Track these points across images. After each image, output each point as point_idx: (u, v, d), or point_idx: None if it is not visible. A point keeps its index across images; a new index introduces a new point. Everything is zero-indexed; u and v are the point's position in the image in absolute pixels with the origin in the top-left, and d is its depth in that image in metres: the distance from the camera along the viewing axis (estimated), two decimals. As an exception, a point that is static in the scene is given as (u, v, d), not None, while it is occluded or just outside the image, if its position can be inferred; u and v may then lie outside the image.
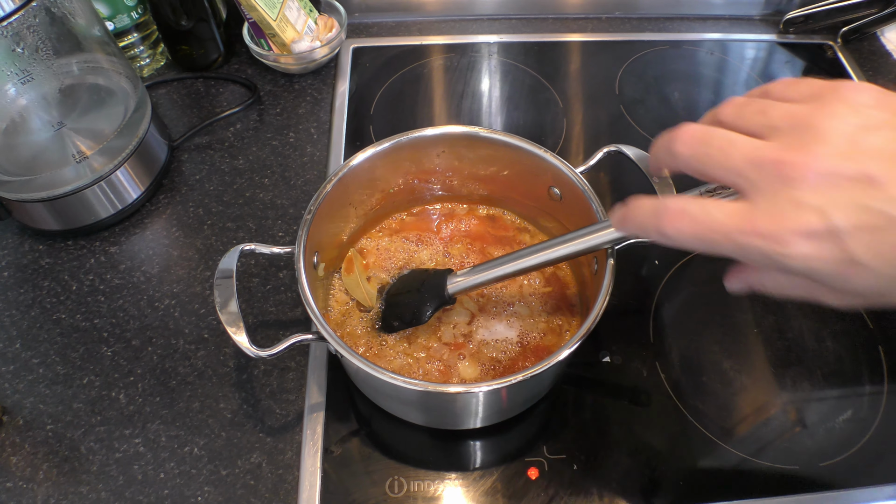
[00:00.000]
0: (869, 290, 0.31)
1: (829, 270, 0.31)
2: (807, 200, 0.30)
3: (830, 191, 0.30)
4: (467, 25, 0.91)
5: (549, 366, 0.44)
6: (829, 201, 0.30)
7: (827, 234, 0.30)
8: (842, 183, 0.30)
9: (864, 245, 0.30)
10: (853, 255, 0.30)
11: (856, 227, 0.30)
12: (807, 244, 0.30)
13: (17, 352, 0.60)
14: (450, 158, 0.60)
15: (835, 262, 0.30)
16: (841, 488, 0.52)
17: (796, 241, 0.30)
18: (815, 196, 0.30)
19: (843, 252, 0.30)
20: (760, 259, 0.32)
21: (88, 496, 0.52)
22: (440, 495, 0.52)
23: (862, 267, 0.30)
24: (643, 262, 0.66)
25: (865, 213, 0.29)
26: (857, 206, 0.30)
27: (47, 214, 0.64)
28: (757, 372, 0.59)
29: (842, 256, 0.30)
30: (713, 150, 0.33)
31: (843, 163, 0.30)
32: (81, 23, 0.62)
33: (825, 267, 0.31)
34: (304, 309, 0.48)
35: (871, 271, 0.30)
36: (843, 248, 0.30)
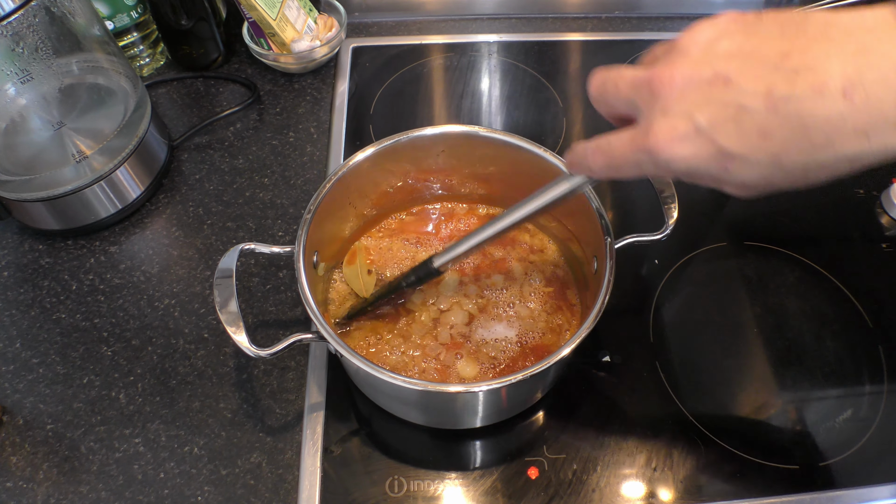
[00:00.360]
0: (753, 179, 0.34)
1: (709, 167, 0.34)
2: (673, 108, 0.33)
3: (692, 95, 0.33)
4: (467, 25, 0.91)
5: (550, 365, 0.44)
6: (691, 105, 0.33)
7: (696, 134, 0.33)
8: (701, 87, 0.32)
9: (731, 137, 0.32)
10: (724, 147, 0.32)
11: (719, 122, 0.32)
12: (681, 147, 0.33)
13: (17, 351, 0.60)
14: (449, 158, 0.60)
15: (711, 158, 0.33)
16: (841, 488, 0.52)
17: (672, 147, 0.33)
18: (679, 103, 0.33)
19: (715, 147, 0.33)
20: (653, 170, 0.36)
21: (88, 496, 0.52)
22: (440, 495, 0.52)
23: (737, 158, 0.33)
24: (643, 261, 0.66)
25: (724, 108, 0.32)
26: (717, 104, 0.32)
27: (47, 214, 0.64)
28: (757, 372, 0.59)
29: (715, 151, 0.33)
30: (609, 85, 0.37)
31: (700, 68, 0.33)
32: (81, 22, 0.62)
33: (705, 164, 0.34)
34: (304, 308, 0.48)
35: (746, 161, 0.33)
36: (714, 143, 0.33)
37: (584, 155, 0.39)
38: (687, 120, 0.33)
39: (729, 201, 0.72)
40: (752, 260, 0.66)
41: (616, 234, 0.51)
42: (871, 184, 0.72)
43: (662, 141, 0.34)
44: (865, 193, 0.72)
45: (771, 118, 0.31)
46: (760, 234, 0.68)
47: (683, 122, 0.33)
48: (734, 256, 0.67)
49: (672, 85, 0.33)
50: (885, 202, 0.70)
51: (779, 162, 0.32)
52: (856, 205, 0.71)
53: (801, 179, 0.33)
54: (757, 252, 0.67)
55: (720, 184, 0.35)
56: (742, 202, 0.71)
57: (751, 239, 0.68)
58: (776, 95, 0.31)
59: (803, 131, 0.31)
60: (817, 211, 0.71)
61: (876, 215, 0.70)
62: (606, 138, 0.38)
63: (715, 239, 0.68)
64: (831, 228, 0.69)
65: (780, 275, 0.65)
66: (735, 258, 0.66)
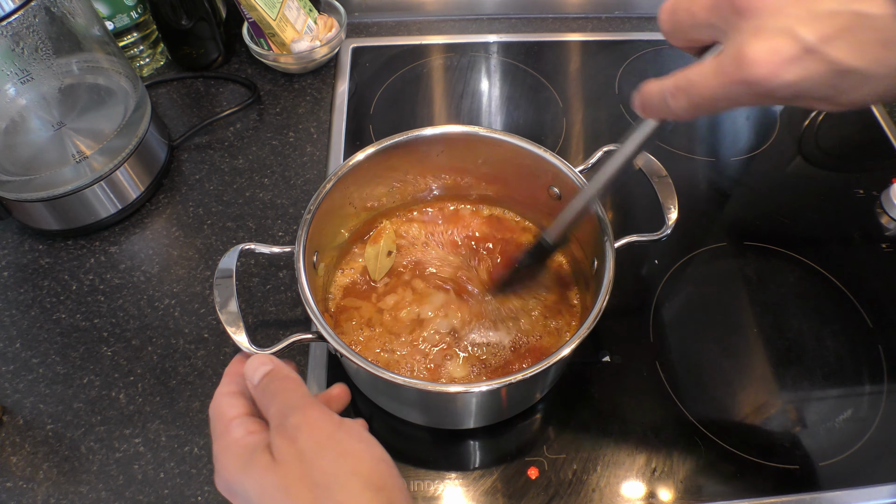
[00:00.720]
0: (870, 96, 0.30)
1: (822, 88, 0.30)
2: (769, 25, 0.29)
3: (790, 7, 0.29)
4: (467, 25, 0.91)
5: (549, 365, 0.44)
6: (792, 19, 0.28)
7: (803, 52, 0.28)
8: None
9: (848, 51, 0.28)
10: (840, 63, 0.28)
11: (831, 36, 0.28)
12: (787, 70, 0.29)
13: (17, 352, 0.60)
14: (450, 158, 0.60)
15: (823, 78, 0.29)
16: (841, 488, 0.52)
17: (776, 72, 0.29)
18: (776, 18, 0.29)
19: (828, 65, 0.29)
20: (752, 101, 0.32)
21: (88, 496, 0.52)
22: (440, 495, 0.52)
23: (854, 73, 0.29)
24: (643, 261, 0.66)
25: (835, 17, 0.28)
26: (825, 14, 0.28)
27: (47, 214, 0.64)
28: (757, 372, 0.59)
29: (828, 70, 0.29)
30: (681, 13, 0.34)
31: None
32: (81, 22, 0.62)
33: (817, 86, 0.30)
34: (304, 309, 0.48)
35: (863, 75, 0.29)
36: (827, 61, 0.29)
37: (661, 96, 0.35)
38: (789, 37, 0.28)
39: (729, 201, 0.72)
40: (752, 260, 0.66)
41: (616, 235, 0.51)
42: (871, 184, 0.72)
43: (763, 67, 0.29)
44: (865, 193, 0.72)
45: (891, 24, 0.27)
46: (760, 234, 0.68)
47: (785, 40, 0.28)
48: (734, 256, 0.67)
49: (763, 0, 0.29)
50: (885, 202, 0.70)
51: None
52: (856, 205, 0.71)
53: None
54: (757, 252, 0.67)
55: (828, 104, 0.31)
56: (742, 202, 0.71)
57: (751, 239, 0.68)
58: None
59: None
60: (817, 211, 0.71)
61: (876, 215, 0.70)
62: (685, 74, 0.33)
63: (715, 239, 0.68)
64: (831, 228, 0.69)
65: (780, 275, 0.65)
66: (735, 258, 0.66)
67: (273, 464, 0.35)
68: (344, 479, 0.34)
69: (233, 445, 0.37)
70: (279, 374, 0.40)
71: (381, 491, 0.34)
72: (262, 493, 0.35)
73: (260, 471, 0.35)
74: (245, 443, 0.37)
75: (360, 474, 0.34)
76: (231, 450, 0.37)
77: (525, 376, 0.44)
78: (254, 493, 0.35)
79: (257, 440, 0.37)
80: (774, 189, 0.73)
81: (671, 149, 0.76)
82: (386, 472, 0.36)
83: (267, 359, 0.41)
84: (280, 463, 0.35)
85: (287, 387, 0.39)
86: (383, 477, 0.35)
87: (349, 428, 0.37)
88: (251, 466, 0.35)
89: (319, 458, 0.34)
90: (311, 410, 0.37)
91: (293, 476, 0.34)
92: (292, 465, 0.34)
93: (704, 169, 0.74)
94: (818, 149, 0.77)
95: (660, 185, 0.56)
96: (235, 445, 0.37)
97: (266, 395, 0.39)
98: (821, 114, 0.80)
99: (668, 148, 0.76)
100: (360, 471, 0.34)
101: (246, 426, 0.38)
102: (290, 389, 0.38)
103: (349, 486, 0.34)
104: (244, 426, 0.38)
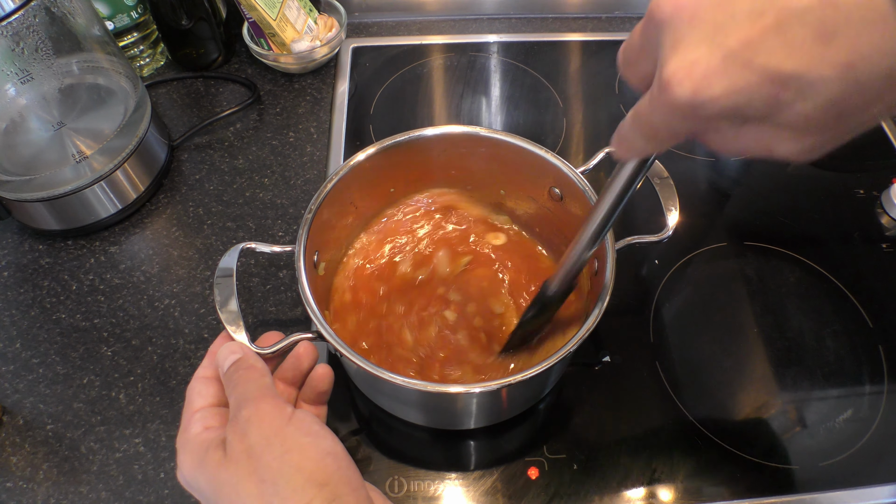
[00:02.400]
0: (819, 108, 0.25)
1: (760, 102, 0.25)
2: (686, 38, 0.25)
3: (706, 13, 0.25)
4: (467, 25, 0.91)
5: (549, 366, 0.44)
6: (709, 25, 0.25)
7: (728, 62, 0.24)
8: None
9: (779, 53, 0.24)
10: (774, 69, 0.24)
11: (755, 40, 0.24)
12: (709, 86, 0.25)
13: (17, 352, 0.60)
14: (450, 158, 0.60)
15: (760, 89, 0.25)
16: (841, 488, 0.52)
17: (696, 89, 0.25)
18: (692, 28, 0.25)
19: (761, 73, 0.24)
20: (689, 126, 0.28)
21: (88, 496, 0.52)
22: (440, 495, 0.52)
23: (794, 79, 0.24)
24: (643, 262, 0.66)
25: (756, 17, 0.24)
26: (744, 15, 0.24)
27: (47, 214, 0.64)
28: (757, 372, 0.59)
29: (758, 77, 0.24)
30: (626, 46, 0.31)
31: None
32: (81, 22, 0.62)
33: (754, 101, 0.25)
34: (304, 308, 0.48)
35: (805, 82, 0.24)
36: (754, 67, 0.24)
37: (622, 136, 0.32)
38: (709, 46, 0.25)
39: (729, 201, 0.72)
40: (752, 260, 0.66)
41: (616, 235, 0.51)
42: (871, 184, 0.73)
43: (683, 85, 0.25)
44: (865, 193, 0.72)
45: (831, 13, 0.23)
46: (760, 234, 0.68)
47: (704, 50, 0.25)
48: (734, 256, 0.67)
49: (677, 6, 0.26)
50: (885, 202, 0.70)
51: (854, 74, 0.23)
52: (856, 205, 0.71)
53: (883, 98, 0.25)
54: (757, 252, 0.67)
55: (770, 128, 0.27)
56: (742, 202, 0.71)
57: (751, 239, 0.68)
58: None
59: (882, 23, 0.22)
60: (817, 211, 0.71)
61: (876, 215, 0.70)
62: (635, 107, 0.30)
63: (715, 239, 0.68)
64: (831, 228, 0.69)
65: (780, 275, 0.65)
66: (735, 258, 0.66)
67: (224, 460, 0.36)
68: (289, 474, 0.34)
69: (190, 442, 0.39)
70: (244, 363, 0.41)
71: (324, 486, 0.35)
72: (215, 490, 0.36)
73: (213, 467, 0.36)
74: (201, 439, 0.38)
75: (303, 470, 0.35)
76: (188, 447, 0.39)
77: (525, 377, 0.44)
78: (208, 489, 0.37)
79: (213, 437, 0.38)
80: (774, 189, 0.73)
81: (671, 149, 0.75)
82: (332, 466, 0.36)
83: (238, 347, 0.42)
84: (230, 459, 0.36)
85: (249, 377, 0.40)
86: (328, 472, 0.35)
87: (299, 421, 0.37)
88: (206, 463, 0.37)
89: (266, 453, 0.35)
90: (263, 403, 0.38)
91: (242, 472, 0.35)
92: (241, 461, 0.35)
93: (704, 169, 0.74)
94: (818, 149, 0.77)
95: (661, 186, 0.56)
96: (192, 442, 0.39)
97: (229, 384, 0.40)
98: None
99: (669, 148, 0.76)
100: (305, 466, 0.35)
101: (205, 421, 0.40)
102: (251, 379, 0.40)
103: (293, 482, 0.34)
104: (203, 421, 0.40)
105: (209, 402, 0.41)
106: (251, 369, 0.40)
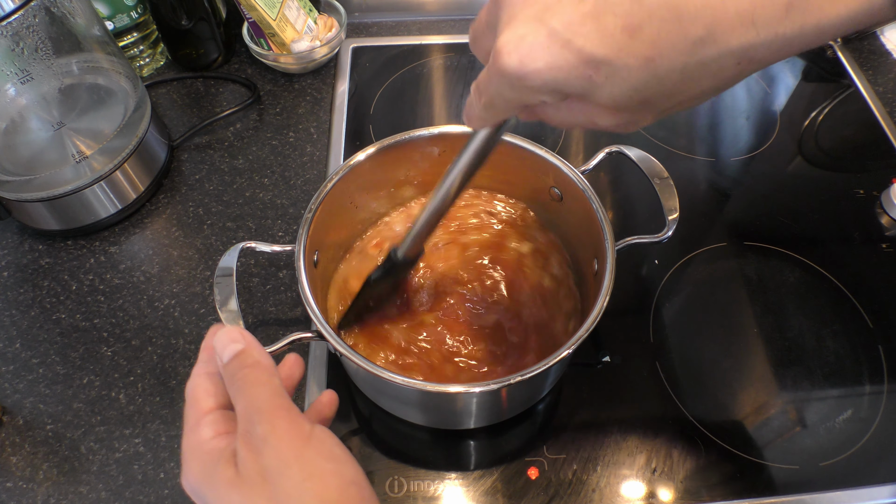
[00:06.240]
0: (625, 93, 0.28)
1: (576, 81, 0.28)
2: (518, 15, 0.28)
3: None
4: (467, 25, 0.90)
5: (549, 366, 0.44)
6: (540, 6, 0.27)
7: (549, 39, 0.27)
8: None
9: (592, 37, 0.26)
10: (584, 51, 0.27)
11: (575, 21, 0.27)
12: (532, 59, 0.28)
13: (17, 352, 0.60)
14: (450, 158, 0.59)
15: (572, 68, 0.27)
16: (841, 488, 0.52)
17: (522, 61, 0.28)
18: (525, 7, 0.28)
19: (573, 53, 0.27)
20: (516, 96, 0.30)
21: (88, 496, 0.52)
22: (440, 495, 0.52)
23: (602, 65, 0.27)
24: (643, 262, 0.66)
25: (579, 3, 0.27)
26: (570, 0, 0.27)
27: (47, 214, 0.64)
28: (757, 372, 0.59)
29: (574, 58, 0.27)
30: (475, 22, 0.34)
31: None
32: (81, 22, 0.62)
33: (571, 79, 0.28)
34: (304, 308, 0.48)
35: (613, 68, 0.27)
36: (572, 48, 0.27)
37: (468, 105, 0.35)
38: (536, 24, 0.27)
39: (729, 201, 0.72)
40: (752, 260, 0.66)
41: (617, 235, 0.51)
42: (871, 184, 0.73)
43: (511, 55, 0.28)
44: (865, 193, 0.72)
45: (636, 8, 0.26)
46: (760, 234, 0.68)
47: (532, 26, 0.27)
48: (734, 256, 0.67)
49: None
50: (885, 202, 0.70)
51: (653, 67, 0.27)
52: (856, 205, 0.71)
53: (681, 91, 0.28)
54: (757, 252, 0.67)
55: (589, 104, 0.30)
56: (742, 202, 0.71)
57: (751, 239, 0.68)
58: None
59: (678, 23, 0.26)
60: (817, 211, 0.71)
61: (876, 215, 0.70)
62: (477, 78, 0.33)
63: (715, 239, 0.68)
64: (831, 228, 0.69)
65: (780, 275, 0.65)
66: (735, 258, 0.66)
67: (237, 479, 0.33)
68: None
69: (199, 448, 0.35)
70: (248, 359, 0.36)
71: None
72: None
73: (223, 485, 0.33)
74: (211, 447, 0.35)
75: (325, 500, 0.32)
76: (197, 454, 0.35)
77: (525, 377, 0.44)
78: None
79: (223, 446, 0.35)
80: (774, 189, 0.73)
81: (671, 149, 0.76)
82: (356, 497, 0.33)
83: (238, 334, 0.38)
84: (244, 479, 0.33)
85: (256, 378, 0.36)
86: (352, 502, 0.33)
87: (319, 443, 0.34)
88: (215, 478, 0.34)
89: (284, 478, 0.32)
90: (279, 420, 0.34)
91: (256, 496, 0.32)
92: (256, 484, 0.32)
93: (704, 169, 0.74)
94: (818, 149, 0.77)
95: (661, 186, 0.56)
96: (201, 450, 0.35)
97: (234, 384, 0.36)
98: (821, 114, 0.80)
99: (669, 148, 0.76)
100: (326, 497, 0.32)
101: (216, 426, 0.36)
102: (259, 382, 0.35)
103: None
104: (214, 425, 0.36)
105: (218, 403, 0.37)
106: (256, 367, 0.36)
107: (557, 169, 0.55)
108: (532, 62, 0.28)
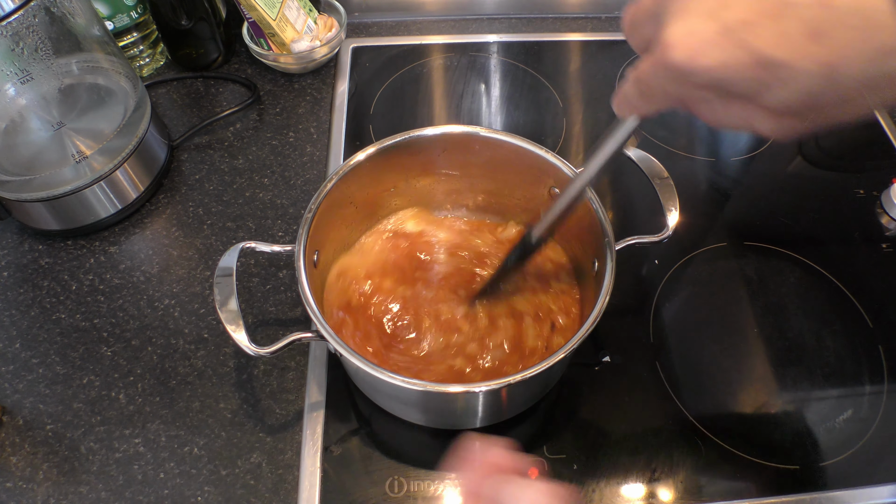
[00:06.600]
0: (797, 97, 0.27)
1: (745, 80, 0.27)
2: (691, 8, 0.28)
3: None
4: (467, 25, 0.91)
5: (549, 366, 0.44)
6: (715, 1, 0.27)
7: (722, 35, 0.27)
8: None
9: (770, 39, 0.26)
10: (761, 52, 0.26)
11: (754, 20, 0.26)
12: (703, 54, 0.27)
13: (16, 352, 0.60)
14: (450, 158, 0.60)
15: (744, 68, 0.27)
16: (841, 488, 0.52)
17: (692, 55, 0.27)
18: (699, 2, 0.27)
19: (748, 52, 0.26)
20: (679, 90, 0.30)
21: (88, 496, 0.52)
22: (440, 495, 0.52)
23: (779, 68, 0.26)
24: (643, 262, 0.66)
25: (757, 2, 0.26)
26: None
27: (47, 214, 0.64)
28: (757, 372, 0.59)
29: (749, 58, 0.26)
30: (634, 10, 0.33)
31: None
32: (81, 22, 0.62)
33: (740, 77, 0.27)
34: (304, 309, 0.48)
35: (790, 71, 0.26)
36: (747, 48, 0.26)
37: (623, 92, 0.34)
38: (710, 19, 0.27)
39: (729, 201, 0.72)
40: (752, 260, 0.66)
41: (616, 235, 0.51)
42: (871, 184, 0.73)
43: (681, 49, 0.27)
44: (865, 193, 0.72)
45: (825, 14, 0.25)
46: (760, 234, 0.68)
47: (705, 21, 0.27)
48: (734, 256, 0.67)
49: None
50: (885, 202, 0.70)
51: (833, 74, 0.26)
52: (856, 205, 0.71)
53: (857, 99, 0.27)
54: (757, 252, 0.67)
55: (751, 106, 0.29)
56: (742, 202, 0.71)
57: (751, 239, 0.68)
58: None
59: (868, 31, 0.24)
60: (817, 211, 0.71)
61: (876, 215, 0.70)
62: (632, 71, 0.33)
63: (715, 239, 0.68)
64: (831, 228, 0.69)
65: (780, 275, 0.65)
66: (735, 258, 0.66)
67: None
68: None
69: None
70: None
71: None
72: None
73: None
74: None
75: None
76: None
77: (525, 377, 0.44)
78: None
79: None
80: (774, 189, 0.73)
81: (671, 149, 0.76)
82: None
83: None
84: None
85: None
86: None
87: None
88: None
89: None
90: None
91: None
92: None
93: (704, 169, 0.74)
94: (818, 149, 0.77)
95: (661, 186, 0.56)
96: None
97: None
98: (821, 114, 0.80)
99: (669, 148, 0.76)
100: None
101: None
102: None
103: None
104: None
105: None
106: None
107: (557, 169, 0.55)
108: (702, 58, 0.27)
